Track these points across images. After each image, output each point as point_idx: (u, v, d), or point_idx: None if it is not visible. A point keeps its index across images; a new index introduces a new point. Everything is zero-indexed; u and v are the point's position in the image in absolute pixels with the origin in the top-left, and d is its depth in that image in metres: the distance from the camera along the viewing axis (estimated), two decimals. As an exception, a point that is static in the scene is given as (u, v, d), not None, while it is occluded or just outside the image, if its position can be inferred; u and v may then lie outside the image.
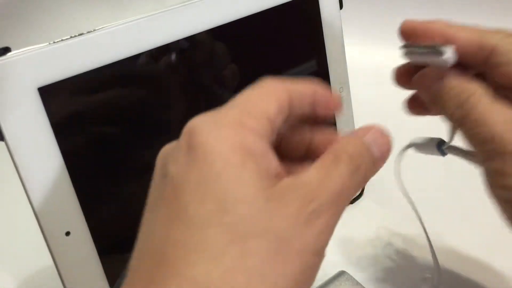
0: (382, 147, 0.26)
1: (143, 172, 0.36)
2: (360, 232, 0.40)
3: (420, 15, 0.77)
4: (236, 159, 0.22)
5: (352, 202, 0.47)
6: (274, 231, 0.21)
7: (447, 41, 0.29)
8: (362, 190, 0.48)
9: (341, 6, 0.41)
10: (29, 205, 0.31)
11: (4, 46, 0.30)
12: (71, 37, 0.31)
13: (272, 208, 0.22)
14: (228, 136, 0.23)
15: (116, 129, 0.34)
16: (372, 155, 0.26)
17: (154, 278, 0.21)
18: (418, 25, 0.30)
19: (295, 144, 0.28)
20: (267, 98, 0.24)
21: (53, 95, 0.31)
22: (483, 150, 0.28)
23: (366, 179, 0.25)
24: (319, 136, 0.28)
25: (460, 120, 0.28)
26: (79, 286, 0.34)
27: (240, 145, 0.22)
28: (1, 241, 0.49)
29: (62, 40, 0.30)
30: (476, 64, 0.29)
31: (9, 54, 0.29)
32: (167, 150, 0.24)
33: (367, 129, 0.26)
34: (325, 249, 0.23)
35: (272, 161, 0.23)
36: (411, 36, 0.30)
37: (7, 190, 0.47)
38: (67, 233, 0.33)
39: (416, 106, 0.34)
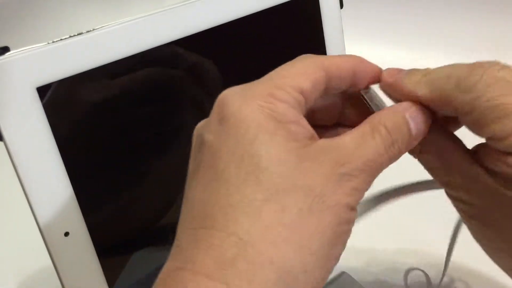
0: (420, 125, 0.26)
1: (143, 172, 0.36)
2: (360, 233, 0.39)
3: (420, 14, 0.77)
4: (268, 125, 0.23)
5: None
6: (308, 187, 0.23)
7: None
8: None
9: (341, 6, 0.41)
10: (28, 206, 0.31)
11: (3, 46, 0.30)
12: (70, 36, 0.31)
13: (305, 166, 0.23)
14: (259, 105, 0.24)
15: (115, 130, 0.34)
16: (410, 132, 0.26)
17: (199, 237, 0.22)
18: (390, 82, 0.28)
19: (328, 111, 0.30)
20: (300, 75, 0.25)
21: (52, 95, 0.30)
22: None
23: (400, 154, 0.26)
24: (350, 103, 0.29)
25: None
26: (78, 286, 0.34)
27: (271, 114, 0.24)
28: (0, 242, 0.49)
29: (61, 39, 0.30)
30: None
31: (7, 53, 0.29)
32: (201, 124, 0.26)
33: (408, 105, 0.27)
34: (357, 205, 0.24)
35: (305, 127, 0.25)
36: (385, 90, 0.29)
37: (6, 190, 0.47)
38: (66, 234, 0.32)
39: None
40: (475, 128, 0.26)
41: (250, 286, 0.21)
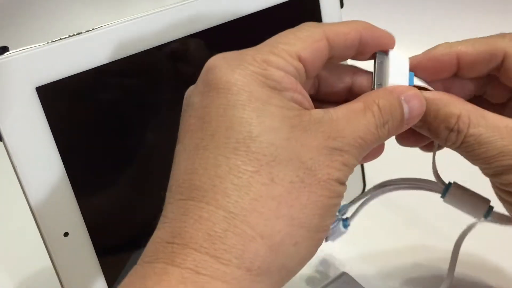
0: (415, 111, 0.26)
1: (143, 172, 0.36)
2: (361, 233, 0.39)
3: (420, 14, 0.77)
4: (261, 93, 0.23)
5: (352, 202, 0.47)
6: (299, 159, 0.22)
7: (458, 61, 0.29)
8: (363, 190, 0.48)
9: (341, 5, 0.41)
10: (27, 206, 0.31)
11: (2, 45, 0.29)
12: (69, 36, 0.30)
13: (297, 137, 0.23)
14: (252, 72, 0.23)
15: (115, 130, 0.34)
16: (402, 115, 0.26)
17: (187, 209, 0.22)
18: (423, 60, 0.29)
19: (335, 87, 0.29)
20: (300, 42, 0.24)
21: (51, 95, 0.30)
22: (489, 167, 0.27)
23: (389, 135, 0.26)
24: (360, 80, 0.29)
25: (457, 144, 0.27)
26: (77, 286, 0.34)
27: (265, 81, 0.23)
28: (-1, 242, 0.49)
29: (60, 39, 0.30)
30: (486, 73, 0.29)
31: (7, 53, 0.29)
32: (190, 88, 0.25)
33: (406, 88, 0.26)
34: (346, 180, 0.24)
35: (302, 94, 0.24)
36: (422, 72, 0.29)
37: (5, 191, 0.46)
38: (66, 234, 0.32)
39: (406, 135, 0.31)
40: None
41: (239, 260, 0.21)
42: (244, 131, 0.22)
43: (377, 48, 0.27)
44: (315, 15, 0.40)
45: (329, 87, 0.29)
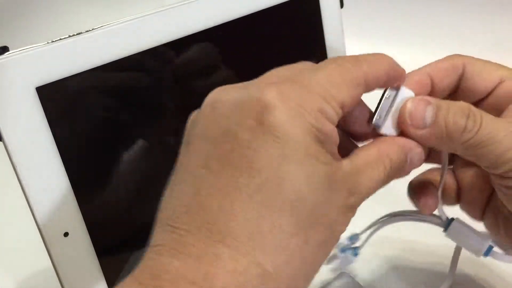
0: (413, 165, 0.28)
1: (143, 171, 0.36)
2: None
3: (420, 14, 0.77)
4: (312, 148, 0.23)
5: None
6: (328, 221, 0.23)
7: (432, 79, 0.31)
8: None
9: (341, 5, 0.41)
10: (27, 206, 0.31)
11: (2, 45, 0.29)
12: (69, 36, 0.30)
13: (330, 197, 0.23)
14: (309, 124, 0.23)
15: (115, 130, 0.34)
16: (406, 168, 0.27)
17: (219, 255, 0.21)
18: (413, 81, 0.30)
19: None
20: (345, 88, 0.25)
21: (51, 95, 0.30)
22: (502, 161, 0.27)
23: (385, 184, 0.27)
24: (359, 111, 0.29)
25: (475, 130, 0.27)
26: (77, 287, 0.33)
27: (318, 136, 0.23)
28: (-1, 242, 0.49)
29: (60, 39, 0.30)
30: (453, 86, 0.31)
31: (7, 53, 0.29)
32: (225, 100, 0.24)
33: (413, 146, 0.28)
34: None
35: (337, 144, 0.25)
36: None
37: (5, 191, 0.47)
38: (66, 234, 0.32)
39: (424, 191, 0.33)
40: None
41: None
42: (294, 191, 0.22)
43: (393, 85, 0.28)
44: (315, 15, 0.40)
45: None
